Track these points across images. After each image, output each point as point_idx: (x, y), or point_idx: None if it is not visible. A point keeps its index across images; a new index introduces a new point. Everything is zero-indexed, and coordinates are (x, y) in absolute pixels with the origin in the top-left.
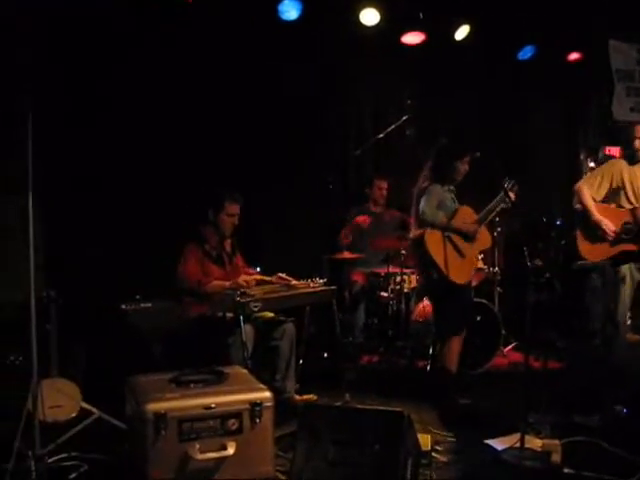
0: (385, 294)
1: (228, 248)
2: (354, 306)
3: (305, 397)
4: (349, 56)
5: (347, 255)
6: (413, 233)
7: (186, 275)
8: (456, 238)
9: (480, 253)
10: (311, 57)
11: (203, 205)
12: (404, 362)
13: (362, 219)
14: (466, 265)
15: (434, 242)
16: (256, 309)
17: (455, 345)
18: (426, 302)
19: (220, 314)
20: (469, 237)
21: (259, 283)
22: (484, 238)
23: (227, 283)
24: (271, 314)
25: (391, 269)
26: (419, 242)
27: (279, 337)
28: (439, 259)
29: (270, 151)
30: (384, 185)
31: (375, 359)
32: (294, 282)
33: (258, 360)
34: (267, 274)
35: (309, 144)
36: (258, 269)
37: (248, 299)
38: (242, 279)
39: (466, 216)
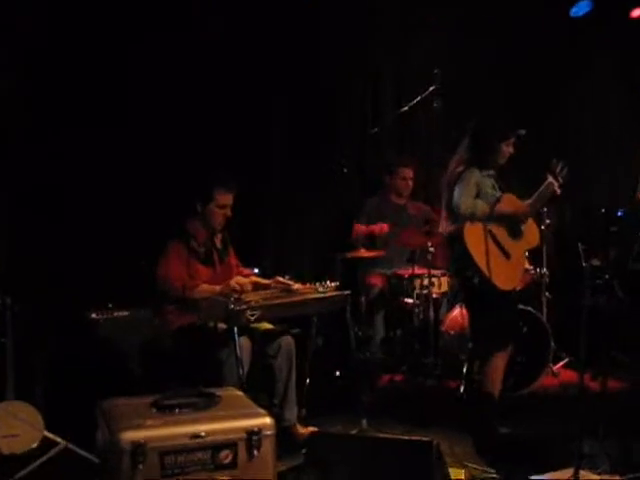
0: (409, 300)
1: (219, 245)
2: (372, 315)
3: (310, 429)
4: (364, 11)
5: (363, 253)
6: (444, 228)
7: (168, 278)
8: (500, 234)
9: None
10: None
11: (189, 195)
12: (432, 382)
13: (379, 228)
14: (512, 267)
15: (474, 238)
16: (253, 318)
17: (498, 364)
18: (459, 310)
19: (210, 325)
20: (515, 233)
21: (256, 287)
22: (532, 234)
23: (218, 287)
24: (269, 325)
25: (417, 270)
26: (454, 238)
27: (273, 354)
28: (480, 259)
29: (270, 130)
30: (409, 174)
31: (397, 379)
32: (296, 286)
33: (256, 380)
34: (267, 277)
35: (317, 122)
36: (256, 270)
37: (243, 306)
38: (235, 281)
39: (511, 205)
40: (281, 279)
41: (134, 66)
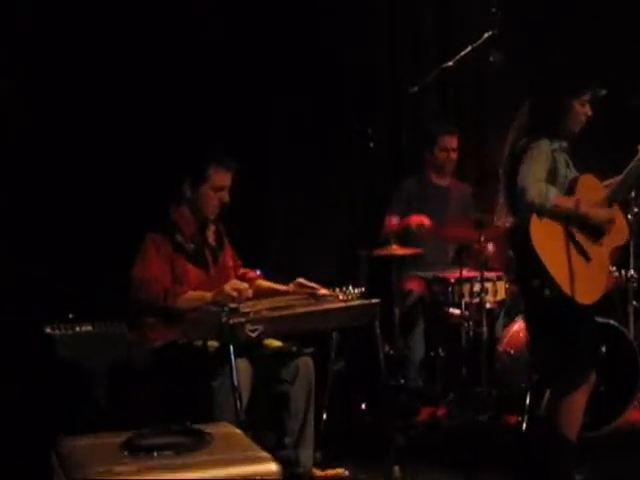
0: (456, 311)
1: (212, 239)
2: (408, 330)
3: (330, 473)
4: None
5: (397, 251)
6: (503, 220)
7: (146, 281)
8: (578, 230)
9: None
10: None
11: (174, 175)
12: (486, 417)
13: (416, 221)
14: (594, 273)
15: (545, 236)
16: (254, 334)
17: (577, 401)
18: (521, 324)
19: (198, 343)
20: (598, 229)
21: (263, 293)
22: (619, 228)
23: (209, 294)
24: (278, 342)
25: (466, 272)
26: (516, 234)
27: (290, 379)
28: (553, 265)
29: (274, 95)
30: (453, 143)
31: (440, 413)
32: (322, 291)
33: (258, 414)
34: (274, 279)
35: (336, 83)
36: (258, 272)
37: (242, 319)
38: (231, 286)
39: (591, 191)
40: (304, 282)
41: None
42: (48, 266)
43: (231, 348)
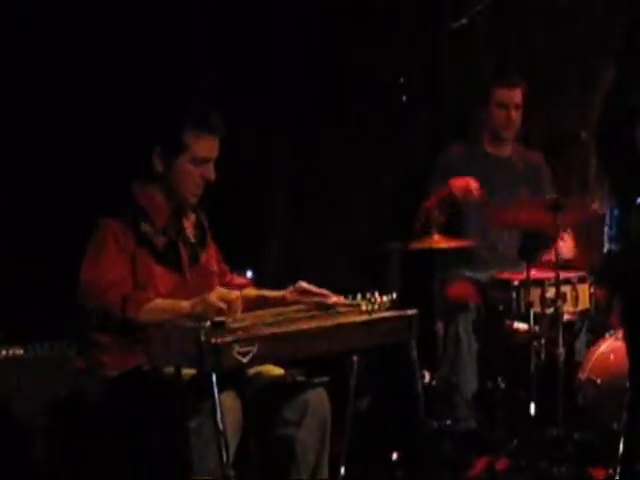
0: (522, 325)
1: (191, 232)
2: (456, 352)
3: None
4: None
5: (439, 243)
6: (596, 200)
7: (99, 286)
8: None
9: None
10: None
11: (141, 141)
12: (563, 470)
13: (461, 185)
14: None
15: None
16: (246, 359)
17: None
18: (611, 343)
19: (169, 370)
20: None
21: (250, 303)
22: None
23: (185, 304)
24: (278, 370)
25: (535, 272)
26: (621, 220)
27: (295, 420)
28: None
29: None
30: (515, 98)
31: (501, 465)
32: (334, 299)
33: (251, 468)
34: (273, 285)
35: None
36: (249, 275)
37: (229, 337)
38: (217, 296)
39: None
40: (307, 286)
41: None
42: None
43: (214, 377)
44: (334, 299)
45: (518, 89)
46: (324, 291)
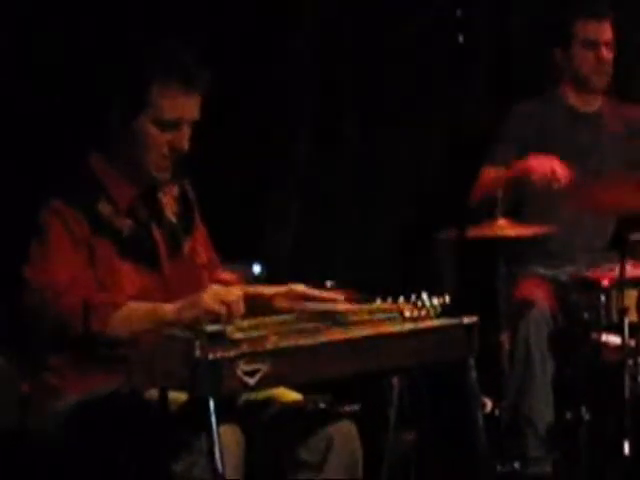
0: (614, 339)
1: (171, 210)
2: (525, 372)
3: None
4: None
5: (505, 229)
6: None
7: (48, 289)
8: None
9: None
10: None
11: (93, 94)
12: None
13: (544, 170)
14: None
15: None
16: (253, 380)
17: None
18: None
19: (150, 395)
20: None
21: (255, 305)
22: None
23: (170, 308)
24: (294, 395)
25: (631, 269)
26: None
27: (316, 460)
28: None
29: None
30: (604, 32)
31: None
32: (341, 306)
33: None
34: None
35: None
36: (257, 269)
37: (231, 352)
38: (213, 296)
39: None
40: (305, 290)
41: None
42: None
43: (212, 404)
44: (345, 306)
45: (608, 21)
46: (331, 294)
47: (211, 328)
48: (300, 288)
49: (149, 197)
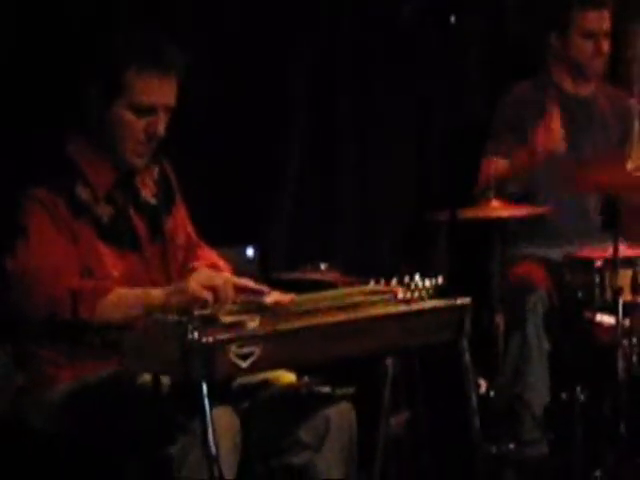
0: (607, 319)
1: (149, 192)
2: (520, 353)
3: None
4: None
5: (499, 209)
6: None
7: (35, 277)
8: None
9: None
10: None
11: (73, 78)
12: None
13: (548, 139)
14: None
15: None
16: (246, 363)
17: None
18: None
19: (145, 378)
20: None
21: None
22: None
23: (158, 292)
24: (289, 376)
25: (625, 249)
26: None
27: (313, 443)
28: None
29: None
30: (603, 22)
31: None
32: (274, 297)
33: None
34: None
35: None
36: (250, 252)
37: (224, 335)
38: (200, 281)
39: None
40: (237, 280)
41: None
42: None
43: (205, 388)
44: (273, 298)
45: (606, 11)
46: (261, 287)
47: (202, 312)
48: (235, 279)
49: (126, 184)
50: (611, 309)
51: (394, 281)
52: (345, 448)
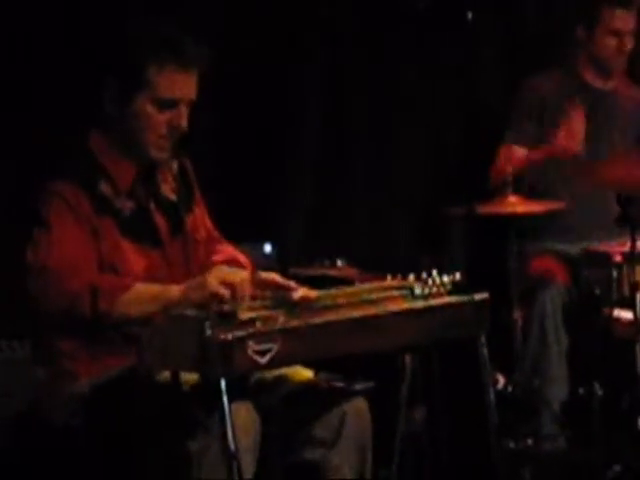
0: (626, 314)
1: (169, 188)
2: (538, 348)
3: None
4: None
5: (517, 206)
6: None
7: (55, 273)
8: None
9: None
10: None
11: (95, 74)
12: None
13: (565, 139)
14: None
15: None
16: (264, 359)
17: None
18: None
19: (164, 376)
20: None
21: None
22: None
23: (176, 289)
24: (306, 372)
25: None
26: None
27: (329, 439)
28: None
29: None
30: (630, 22)
31: None
32: (303, 293)
33: None
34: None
35: None
36: (268, 249)
37: (242, 332)
38: (218, 278)
39: None
40: (266, 276)
41: None
42: None
43: (223, 384)
44: (302, 293)
45: (634, 10)
46: (290, 283)
47: (221, 308)
48: (264, 274)
49: (148, 180)
50: (629, 304)
51: (411, 277)
52: (360, 444)
